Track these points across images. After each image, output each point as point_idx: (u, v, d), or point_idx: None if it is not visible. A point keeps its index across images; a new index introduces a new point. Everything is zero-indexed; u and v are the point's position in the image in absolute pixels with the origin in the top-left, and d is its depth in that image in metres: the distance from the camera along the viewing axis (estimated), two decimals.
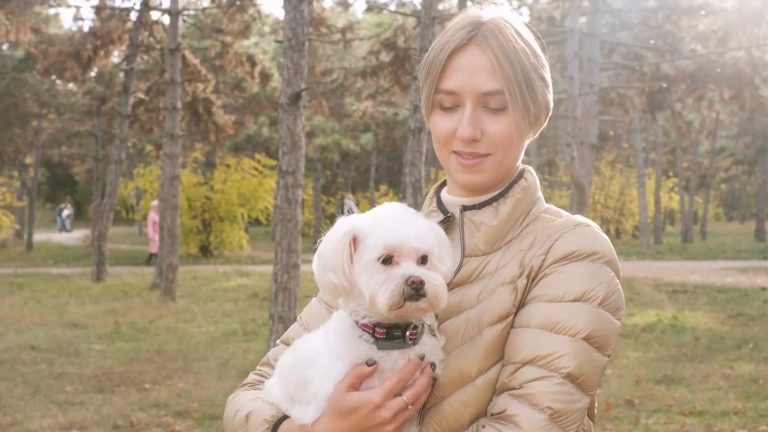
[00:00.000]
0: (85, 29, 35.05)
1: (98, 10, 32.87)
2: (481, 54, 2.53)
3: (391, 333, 2.43)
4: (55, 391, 13.32)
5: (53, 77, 39.03)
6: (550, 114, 2.68)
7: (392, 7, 44.32)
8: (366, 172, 72.36)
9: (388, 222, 2.43)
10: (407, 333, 2.43)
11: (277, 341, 2.90)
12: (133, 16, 31.50)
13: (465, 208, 2.67)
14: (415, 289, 2.33)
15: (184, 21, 32.37)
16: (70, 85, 44.51)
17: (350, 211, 2.58)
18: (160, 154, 34.34)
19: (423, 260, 2.40)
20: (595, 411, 2.70)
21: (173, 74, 26.37)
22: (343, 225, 2.46)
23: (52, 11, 39.36)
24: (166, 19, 29.54)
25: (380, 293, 2.33)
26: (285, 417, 2.61)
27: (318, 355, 2.51)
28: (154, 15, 32.60)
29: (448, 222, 2.70)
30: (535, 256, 2.52)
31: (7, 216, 51.03)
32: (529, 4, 49.53)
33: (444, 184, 2.83)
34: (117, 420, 11.59)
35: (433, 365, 2.47)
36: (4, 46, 44.66)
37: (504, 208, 2.63)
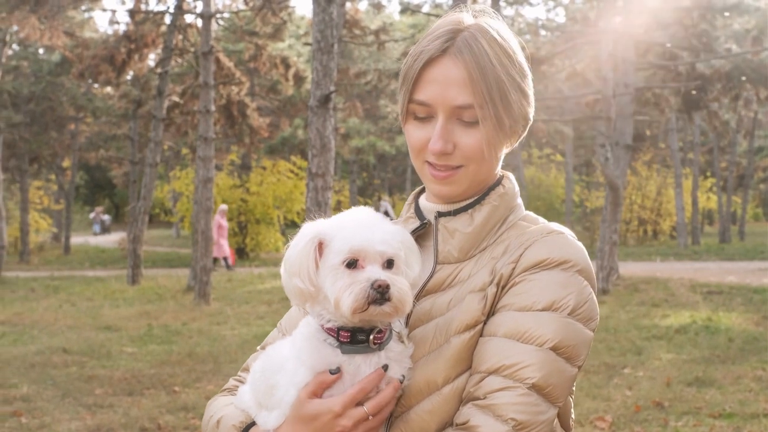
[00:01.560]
0: (121, 33, 35.12)
1: (132, 13, 33.02)
2: (455, 66, 2.50)
3: (356, 337, 2.42)
4: (84, 394, 13.37)
5: (90, 81, 39.25)
6: (530, 124, 2.65)
7: (426, 9, 44.25)
8: (403, 174, 72.39)
9: (354, 226, 2.42)
10: (371, 337, 2.41)
11: (258, 347, 2.89)
12: (168, 19, 31.62)
13: (440, 215, 2.65)
14: (380, 293, 2.32)
15: (218, 24, 32.46)
16: (108, 89, 44.74)
17: (386, 213, 2.60)
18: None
19: (389, 264, 2.39)
20: (572, 421, 2.66)
21: (206, 77, 26.45)
22: (309, 230, 2.46)
23: (85, 15, 39.53)
24: (200, 23, 29.62)
25: (344, 297, 2.32)
26: (253, 423, 2.61)
27: (286, 361, 2.50)
28: (188, 18, 32.71)
29: (425, 229, 2.67)
30: (505, 263, 2.49)
31: (44, 219, 51.33)
32: (565, 4, 49.43)
33: (423, 190, 2.80)
34: (144, 423, 11.61)
35: (403, 377, 2.45)
36: (41, 50, 44.96)
37: (479, 215, 2.60)
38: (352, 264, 2.36)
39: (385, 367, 2.42)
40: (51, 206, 54.91)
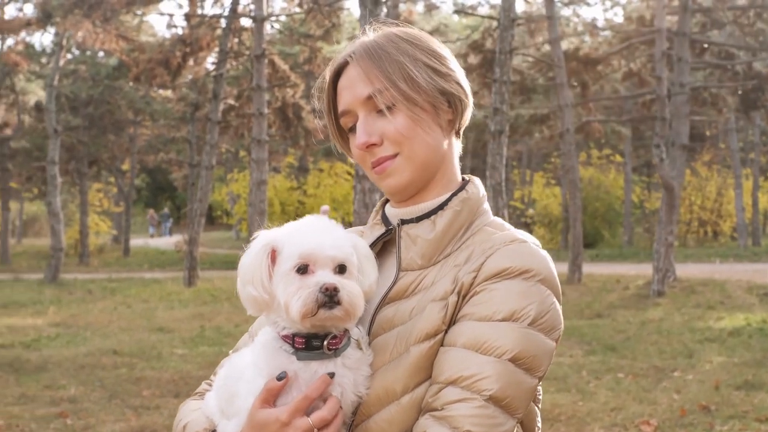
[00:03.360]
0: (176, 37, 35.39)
1: (188, 17, 33.26)
2: (354, 69, 2.58)
3: (311, 343, 2.41)
4: (131, 396, 13.46)
5: (147, 84, 39.66)
6: (461, 98, 2.62)
7: (484, 10, 44.16)
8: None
9: (304, 232, 2.44)
10: (325, 343, 2.40)
11: (231, 351, 2.90)
12: (223, 22, 31.80)
13: (403, 222, 2.64)
14: (328, 297, 2.31)
15: (272, 27, 32.61)
16: (168, 92, 45.10)
17: None
18: None
19: (341, 270, 2.39)
20: (537, 430, 2.64)
21: (259, 80, 26.61)
22: (262, 238, 2.48)
23: (140, 19, 39.86)
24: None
25: (293, 301, 2.33)
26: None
27: (246, 368, 2.50)
28: (244, 22, 32.88)
29: (391, 235, 2.67)
30: (467, 272, 2.46)
31: (104, 221, 51.77)
32: (623, 4, 49.14)
33: None
34: None
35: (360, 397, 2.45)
36: (100, 54, 45.39)
37: (441, 221, 2.58)
38: (302, 269, 2.37)
39: (332, 375, 2.40)
40: (111, 209, 55.39)
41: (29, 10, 46.17)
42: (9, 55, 35.59)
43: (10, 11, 46.04)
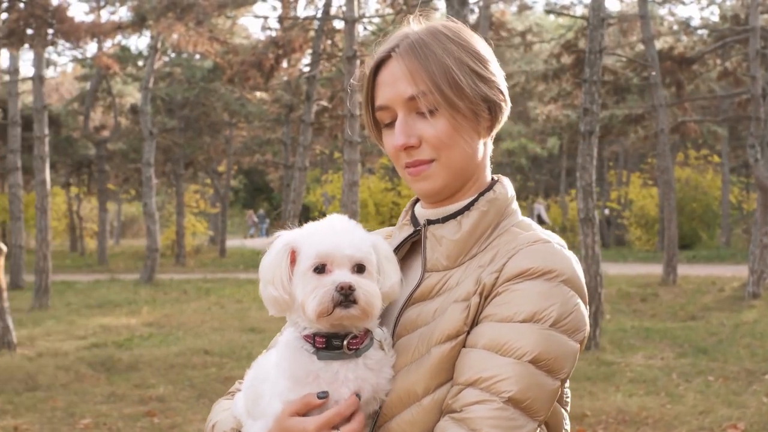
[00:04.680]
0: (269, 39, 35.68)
1: (281, 19, 33.45)
2: (398, 64, 2.53)
3: (331, 343, 2.42)
4: (219, 395, 13.30)
5: (242, 86, 39.99)
6: (501, 106, 2.60)
7: (578, 10, 43.83)
8: (558, 176, 72.00)
9: (324, 232, 2.44)
10: (345, 342, 2.41)
11: (264, 351, 2.91)
12: (316, 24, 31.93)
13: (429, 222, 2.62)
14: (344, 295, 2.32)
15: (365, 29, 32.66)
16: (264, 94, 45.39)
17: (538, 216, 2.58)
18: None
19: (359, 269, 2.39)
20: None
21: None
22: (282, 238, 2.49)
23: (233, 21, 40.16)
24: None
25: (309, 300, 2.35)
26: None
27: (271, 369, 2.52)
28: (337, 24, 33.00)
29: (419, 235, 2.66)
30: (490, 273, 2.45)
31: (201, 222, 52.26)
32: (718, 3, 48.50)
33: None
34: None
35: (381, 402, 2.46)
36: (195, 57, 45.86)
37: (467, 221, 2.56)
38: (320, 269, 2.38)
39: (359, 396, 2.42)
40: (207, 210, 55.93)
41: (123, 13, 47.00)
42: (101, 59, 36.05)
43: (104, 15, 46.62)
